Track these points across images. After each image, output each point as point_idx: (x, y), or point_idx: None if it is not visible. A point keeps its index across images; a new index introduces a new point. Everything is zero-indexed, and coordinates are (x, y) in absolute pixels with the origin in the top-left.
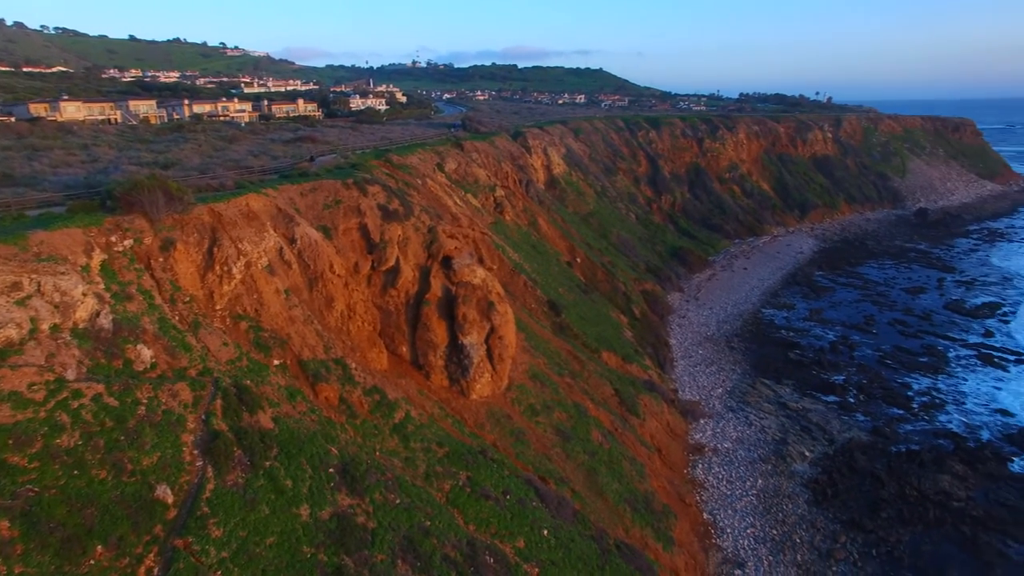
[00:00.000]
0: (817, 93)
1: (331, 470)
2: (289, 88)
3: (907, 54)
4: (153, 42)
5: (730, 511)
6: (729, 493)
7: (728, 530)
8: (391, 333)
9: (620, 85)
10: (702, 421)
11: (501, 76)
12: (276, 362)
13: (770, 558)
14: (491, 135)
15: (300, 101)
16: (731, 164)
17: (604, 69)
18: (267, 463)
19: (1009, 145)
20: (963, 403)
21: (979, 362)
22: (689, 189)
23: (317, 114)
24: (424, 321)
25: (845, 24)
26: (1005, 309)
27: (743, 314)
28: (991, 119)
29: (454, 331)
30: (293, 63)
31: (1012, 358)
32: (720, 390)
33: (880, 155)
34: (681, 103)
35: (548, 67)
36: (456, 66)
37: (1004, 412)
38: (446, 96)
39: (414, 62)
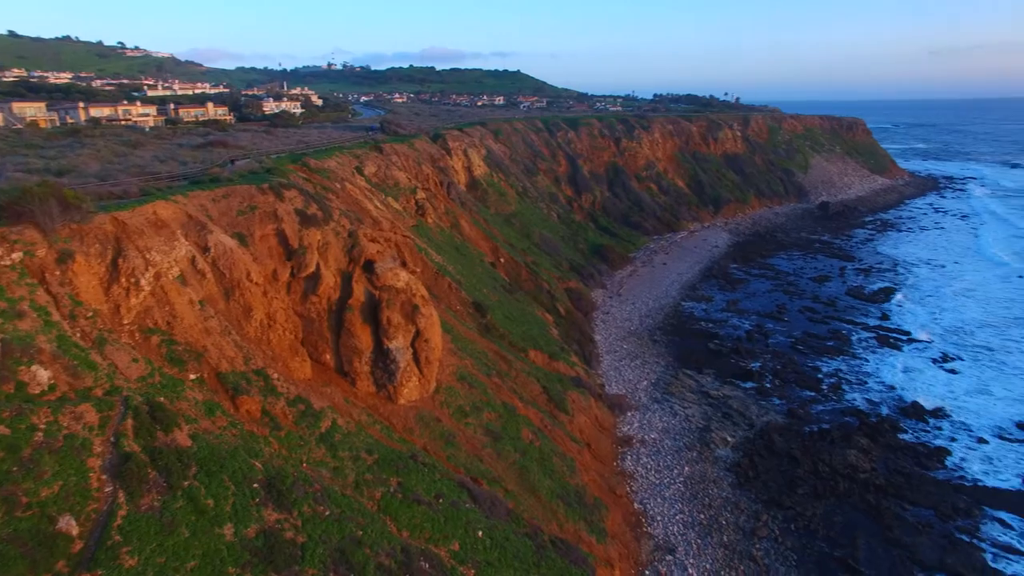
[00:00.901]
0: (726, 94)
1: (256, 485)
2: (197, 91)
3: (804, 57)
4: (39, 39)
5: (659, 499)
6: (658, 482)
7: (658, 518)
8: (314, 341)
9: (538, 87)
10: (629, 414)
11: (419, 78)
12: (192, 376)
13: (699, 541)
14: (411, 137)
15: (210, 104)
16: (648, 163)
17: (522, 71)
18: (186, 483)
19: (894, 143)
20: (865, 382)
21: (877, 343)
22: (608, 188)
23: (228, 118)
24: (348, 327)
25: (750, 27)
26: (897, 292)
27: (664, 308)
28: (879, 119)
29: (379, 336)
30: (200, 65)
31: (904, 338)
32: (645, 383)
33: (785, 152)
34: (598, 104)
35: (466, 69)
36: (373, 68)
37: (898, 387)
38: (363, 99)
39: (329, 64)
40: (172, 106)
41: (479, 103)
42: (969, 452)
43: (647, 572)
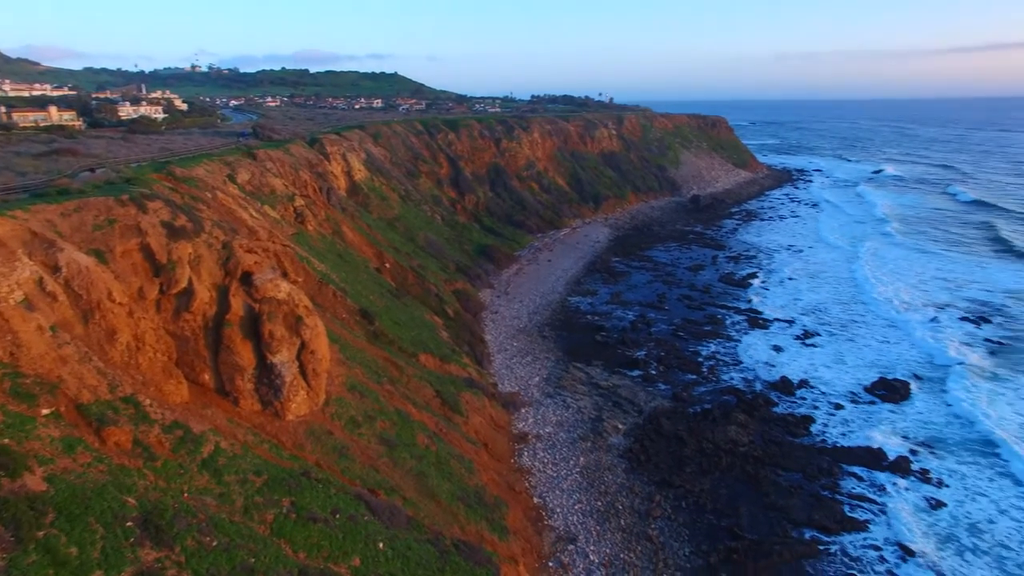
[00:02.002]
0: (600, 94)
1: (129, 524)
2: (36, 93)
3: (672, 59)
4: None
5: (558, 491)
6: (555, 475)
7: (558, 509)
8: (190, 361)
9: (416, 89)
10: (523, 410)
11: (292, 81)
12: (45, 411)
13: (598, 528)
14: (286, 143)
15: (53, 108)
16: (528, 162)
17: (400, 73)
18: (40, 532)
19: (753, 139)
20: (740, 362)
21: (748, 325)
22: (491, 188)
23: (77, 123)
24: (227, 344)
25: (622, 31)
26: (761, 276)
27: (551, 304)
28: (738, 117)
29: (261, 351)
30: (38, 64)
31: (771, 318)
32: (537, 378)
33: (657, 149)
34: (477, 105)
35: (342, 72)
36: (242, 71)
37: (768, 364)
38: (233, 103)
39: (193, 66)
40: (3, 109)
41: (356, 106)
42: (829, 417)
43: (550, 564)
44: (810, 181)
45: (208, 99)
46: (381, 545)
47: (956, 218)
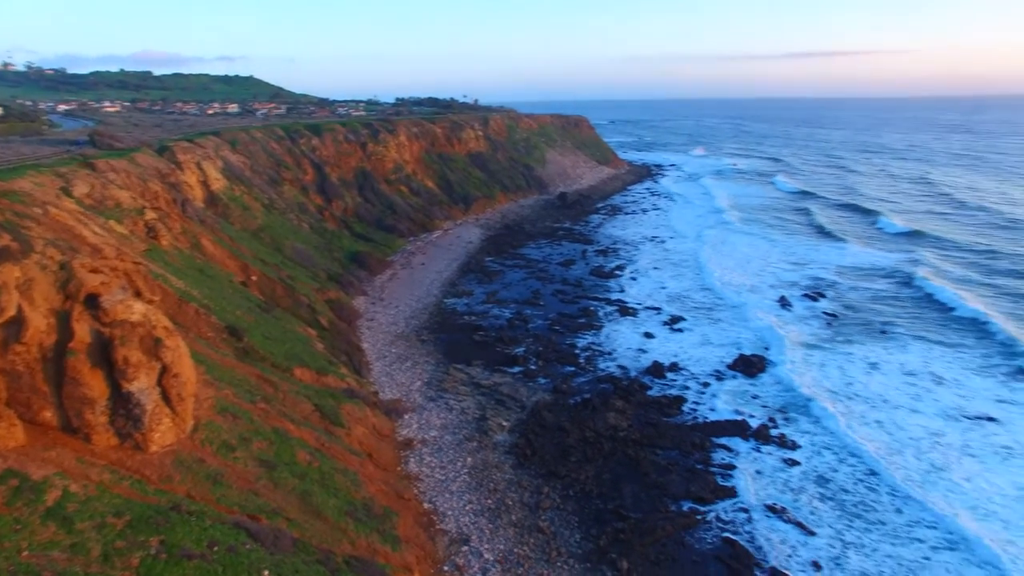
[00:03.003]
0: (465, 96)
1: None
2: None
3: (534, 61)
4: None
5: (447, 494)
6: (444, 478)
7: (449, 512)
8: (26, 398)
9: (275, 93)
10: (407, 416)
11: (134, 84)
12: None
13: (490, 526)
14: (130, 151)
15: None
16: (396, 165)
17: (256, 76)
18: None
19: (613, 137)
20: (614, 350)
21: (620, 314)
22: (359, 193)
23: None
24: (72, 375)
25: (486, 32)
26: (629, 267)
27: (428, 307)
28: (599, 116)
29: (115, 379)
30: None
31: (640, 306)
32: (419, 383)
33: (524, 149)
34: (340, 109)
35: (191, 74)
36: (71, 72)
37: (640, 351)
38: (63, 107)
39: (6, 64)
40: None
41: (210, 111)
42: (698, 396)
43: (445, 567)
44: (667, 176)
45: (31, 103)
46: (266, 573)
47: (786, 206)
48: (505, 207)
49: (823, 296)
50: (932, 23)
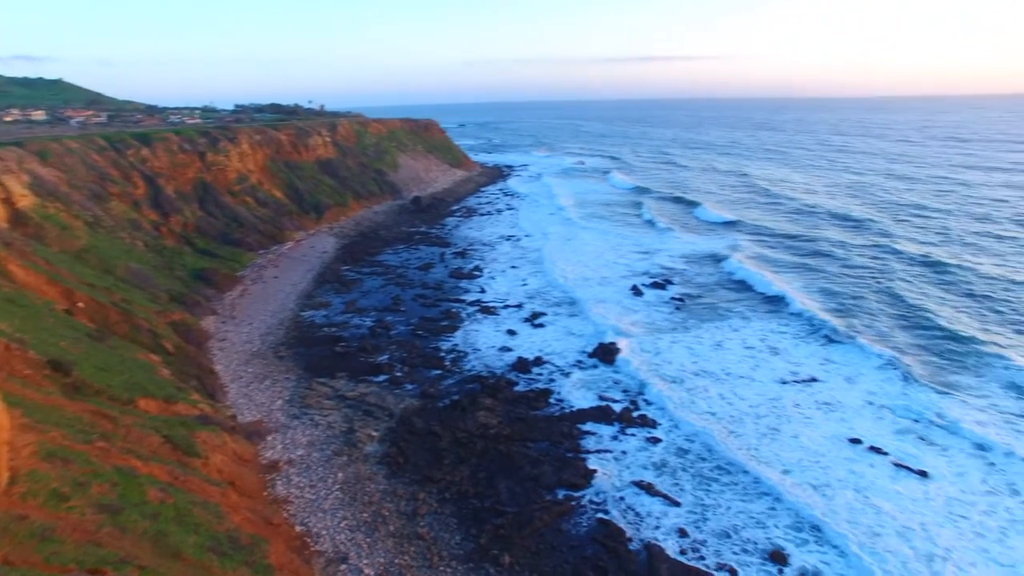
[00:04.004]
0: (310, 101)
1: None
2: None
3: (380, 65)
4: None
5: (320, 513)
6: (315, 497)
7: (324, 532)
8: None
9: (93, 99)
10: (270, 438)
11: None
12: None
13: (368, 540)
14: None
15: None
16: (240, 176)
17: (65, 80)
18: None
19: (464, 140)
20: (479, 350)
21: (481, 314)
22: (200, 206)
23: None
24: None
25: (329, 37)
26: (487, 268)
27: (284, 322)
28: (448, 120)
29: None
30: None
31: (501, 304)
32: (280, 401)
33: (374, 154)
34: (173, 117)
35: None
36: None
37: (504, 348)
38: None
39: None
40: None
41: (8, 118)
42: (563, 387)
43: None
44: (518, 175)
45: None
46: None
47: (626, 200)
48: (359, 214)
49: (670, 283)
50: (743, 33)
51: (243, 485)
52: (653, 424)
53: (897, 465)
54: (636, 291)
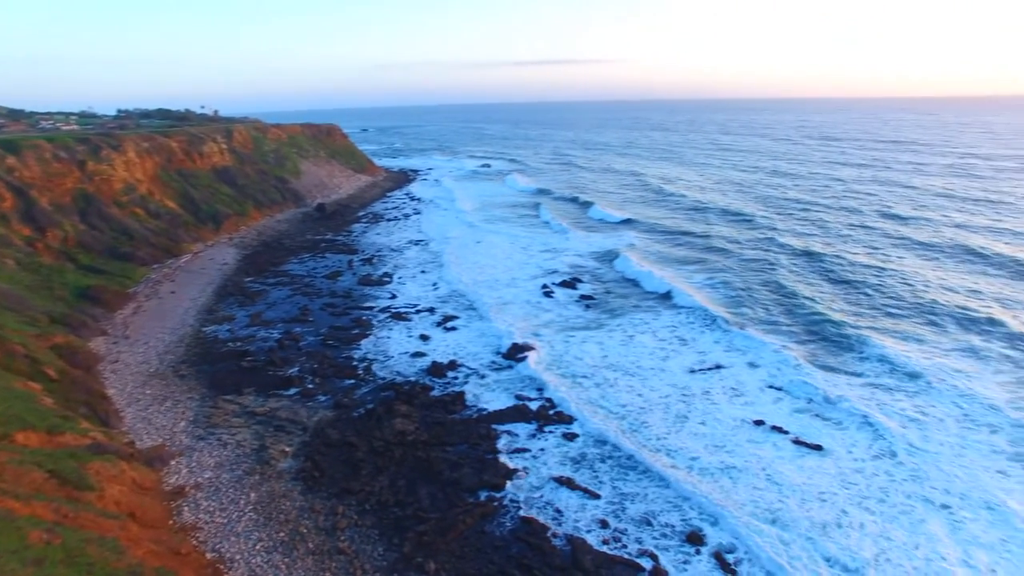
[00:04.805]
0: (202, 107)
1: None
2: None
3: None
4: None
5: (233, 537)
6: (226, 521)
7: (238, 557)
8: None
9: None
10: (173, 462)
11: None
12: None
13: (286, 560)
14: None
15: None
16: (127, 186)
17: None
18: None
19: (368, 145)
20: (392, 356)
21: (393, 320)
22: (82, 219)
23: None
24: None
25: (221, 36)
26: (397, 273)
27: (184, 338)
28: (351, 124)
29: None
30: None
31: (412, 310)
32: (183, 423)
33: (275, 160)
34: (44, 123)
35: None
36: None
37: (418, 353)
38: None
39: None
40: None
41: None
42: (479, 388)
43: None
44: (424, 179)
45: None
46: None
47: (528, 202)
48: (261, 223)
49: (580, 281)
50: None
51: (145, 515)
52: (569, 420)
53: (796, 442)
54: (546, 291)
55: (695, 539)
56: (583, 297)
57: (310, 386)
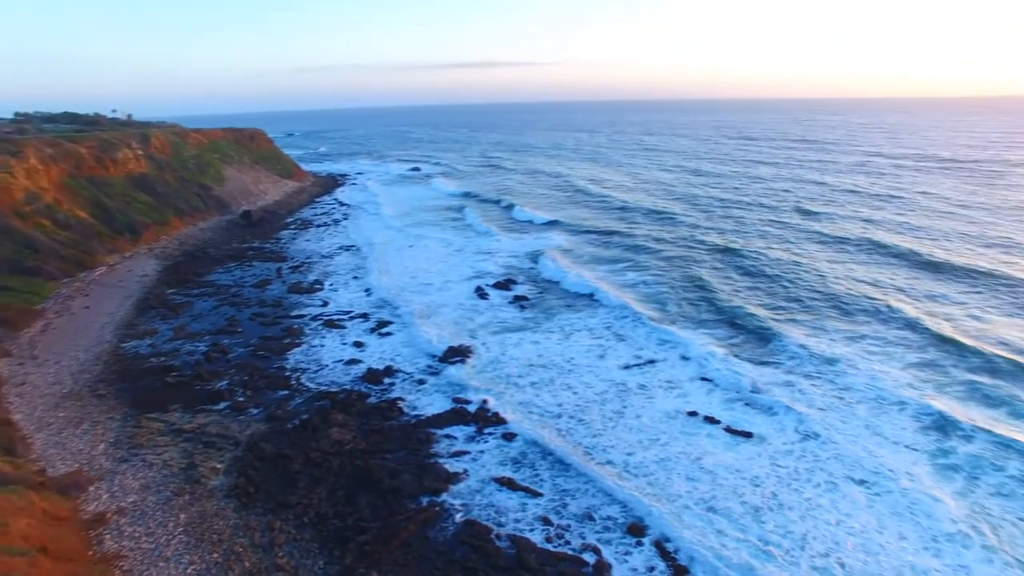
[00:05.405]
0: (114, 111)
1: None
2: None
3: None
4: None
5: (162, 563)
6: (154, 546)
7: None
8: None
9: None
10: (92, 488)
11: None
12: None
13: None
14: None
15: None
16: (30, 195)
17: None
18: None
19: (295, 149)
20: (326, 365)
21: (326, 328)
22: None
23: None
24: None
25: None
26: (328, 280)
27: (101, 356)
28: (276, 129)
29: None
30: None
31: (345, 317)
32: (102, 445)
33: (196, 167)
34: None
35: None
36: None
37: (353, 361)
38: None
39: None
40: None
41: None
42: (417, 393)
43: None
44: (353, 184)
45: None
46: None
47: (455, 204)
48: (183, 232)
49: (514, 283)
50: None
51: (60, 548)
52: (508, 420)
53: (728, 430)
54: (480, 293)
55: (636, 530)
56: (517, 298)
57: (241, 399)
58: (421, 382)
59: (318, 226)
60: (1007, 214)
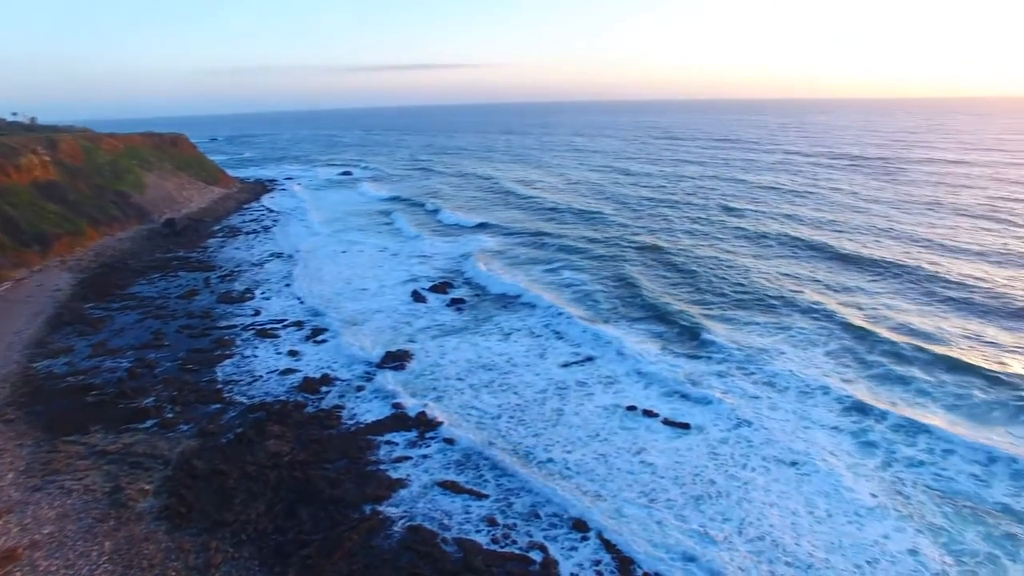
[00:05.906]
0: (14, 114)
1: None
2: None
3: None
4: None
5: None
6: None
7: None
8: None
9: None
10: (2, 521)
11: None
12: None
13: None
14: None
15: None
16: None
17: None
18: None
19: (220, 155)
20: (260, 376)
21: (259, 338)
22: None
23: None
24: None
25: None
26: (259, 288)
27: (8, 378)
28: (199, 134)
29: None
30: None
31: (279, 325)
32: (11, 475)
33: (112, 174)
34: None
35: None
36: None
37: (288, 370)
38: None
39: None
40: None
41: None
42: (355, 400)
43: None
44: (282, 189)
45: None
46: None
47: (384, 208)
48: (100, 243)
49: (450, 285)
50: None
51: None
52: (449, 424)
53: (666, 423)
54: (416, 297)
55: (580, 526)
56: (455, 301)
57: (169, 415)
58: (360, 389)
59: (247, 233)
60: (910, 208)
